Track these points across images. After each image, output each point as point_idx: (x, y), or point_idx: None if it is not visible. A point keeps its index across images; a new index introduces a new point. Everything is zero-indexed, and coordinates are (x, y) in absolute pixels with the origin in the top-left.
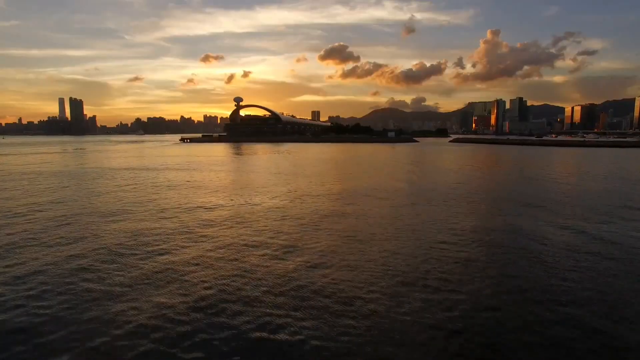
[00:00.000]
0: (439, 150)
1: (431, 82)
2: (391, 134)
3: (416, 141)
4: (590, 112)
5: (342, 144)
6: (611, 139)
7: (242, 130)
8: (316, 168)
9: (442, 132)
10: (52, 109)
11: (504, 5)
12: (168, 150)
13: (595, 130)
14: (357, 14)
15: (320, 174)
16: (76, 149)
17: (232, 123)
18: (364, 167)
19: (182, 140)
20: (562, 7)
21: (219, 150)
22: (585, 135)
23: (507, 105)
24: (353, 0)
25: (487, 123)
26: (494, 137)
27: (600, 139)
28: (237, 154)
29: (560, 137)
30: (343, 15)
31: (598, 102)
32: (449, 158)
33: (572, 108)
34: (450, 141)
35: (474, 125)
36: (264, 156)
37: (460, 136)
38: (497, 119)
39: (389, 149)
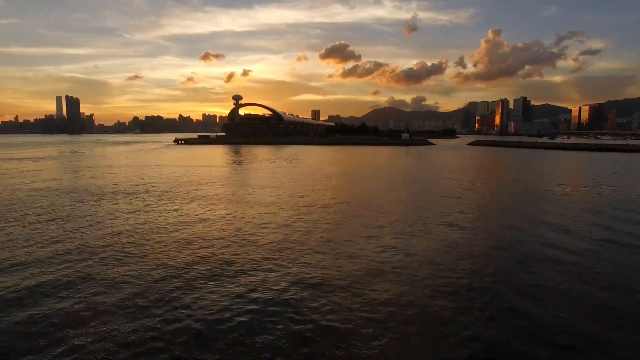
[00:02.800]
0: (469, 156)
1: (431, 81)
2: (405, 136)
3: (432, 144)
4: (597, 112)
5: (351, 147)
6: (629, 141)
7: (242, 130)
8: (349, 193)
9: (449, 133)
10: (51, 107)
11: (503, 4)
12: (157, 155)
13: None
14: (356, 13)
15: (371, 215)
16: (41, 158)
17: (231, 123)
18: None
19: (176, 141)
20: (561, 6)
21: (216, 155)
22: (600, 137)
23: (510, 105)
24: (352, 0)
25: (491, 123)
26: (520, 139)
27: (617, 141)
28: (237, 161)
29: (572, 139)
30: (342, 15)
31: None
32: (503, 168)
33: (580, 108)
34: (468, 144)
35: (476, 125)
36: (269, 165)
37: (480, 137)
38: (502, 118)
39: (408, 154)
